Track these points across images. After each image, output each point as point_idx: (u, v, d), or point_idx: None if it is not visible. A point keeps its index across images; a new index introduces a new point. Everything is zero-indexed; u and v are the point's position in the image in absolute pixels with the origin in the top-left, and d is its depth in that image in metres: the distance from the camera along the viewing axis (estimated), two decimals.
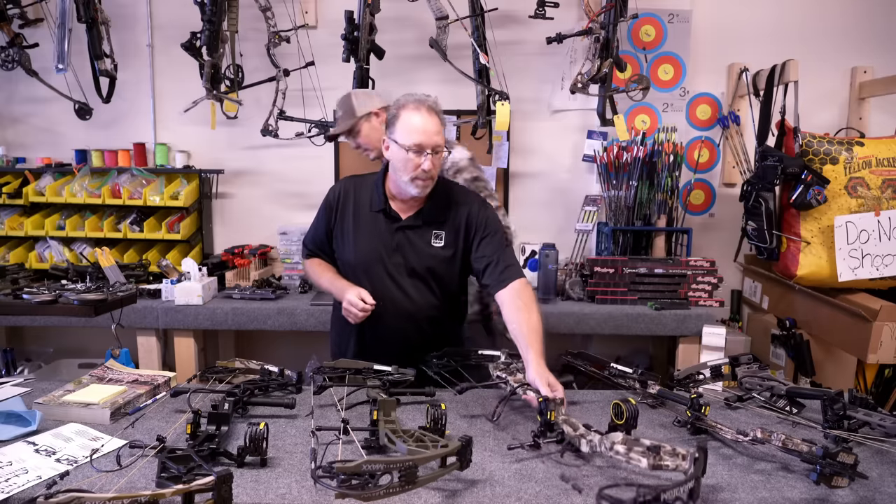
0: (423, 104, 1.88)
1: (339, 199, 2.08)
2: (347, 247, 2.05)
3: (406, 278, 2.00)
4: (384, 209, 2.00)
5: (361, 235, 2.03)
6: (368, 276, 2.00)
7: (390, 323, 2.00)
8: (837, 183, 2.74)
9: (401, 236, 1.99)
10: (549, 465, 1.39)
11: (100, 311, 2.24)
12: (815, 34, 3.40)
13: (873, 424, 1.53)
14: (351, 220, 2.05)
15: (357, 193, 2.06)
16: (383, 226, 2.00)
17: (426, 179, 1.90)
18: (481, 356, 1.90)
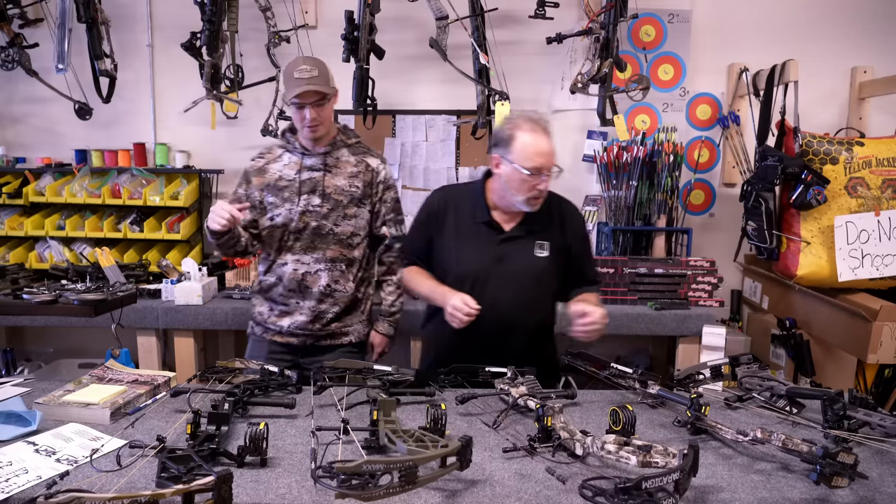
0: (539, 125, 1.93)
1: (438, 211, 2.12)
2: (451, 258, 2.07)
3: (509, 289, 2.01)
4: (487, 221, 2.04)
5: (465, 247, 2.05)
6: (472, 287, 1.99)
7: (492, 331, 1.98)
8: (837, 183, 2.74)
9: (504, 247, 2.03)
10: (548, 466, 1.39)
11: (100, 311, 2.24)
12: (815, 34, 3.40)
13: (873, 424, 1.53)
14: (453, 233, 2.08)
15: (457, 204, 2.11)
16: (486, 237, 2.03)
17: (539, 198, 1.97)
18: (489, 373, 1.88)
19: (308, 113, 2.13)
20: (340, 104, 3.35)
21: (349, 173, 2.26)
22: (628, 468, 1.32)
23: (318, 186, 2.22)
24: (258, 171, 2.27)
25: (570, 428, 1.44)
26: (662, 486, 1.15)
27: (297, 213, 2.21)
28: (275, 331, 2.30)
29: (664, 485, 1.16)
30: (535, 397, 1.63)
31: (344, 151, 2.29)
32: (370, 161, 2.31)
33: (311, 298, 2.25)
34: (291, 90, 2.10)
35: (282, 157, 2.28)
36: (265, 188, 2.25)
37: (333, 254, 2.24)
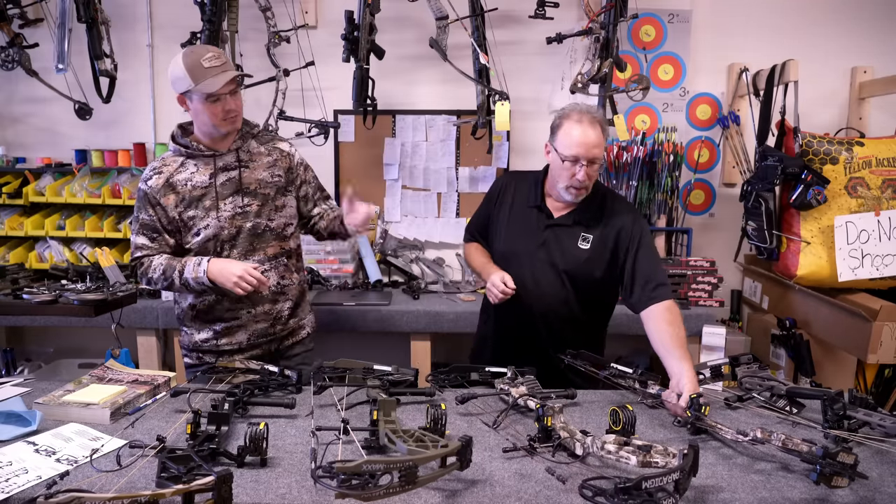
0: (586, 116, 1.96)
1: (500, 190, 2.22)
2: (499, 235, 2.17)
3: (547, 274, 2.07)
4: (539, 205, 2.11)
5: (513, 226, 2.14)
6: (512, 266, 2.08)
7: (525, 314, 2.07)
8: (837, 183, 2.74)
9: (550, 233, 2.08)
10: (548, 466, 1.39)
11: (100, 311, 2.24)
12: (815, 34, 3.40)
13: (873, 424, 1.53)
14: (507, 212, 2.17)
15: (517, 187, 2.19)
16: (535, 221, 2.11)
17: (580, 188, 2.00)
18: (489, 373, 1.89)
19: (228, 104, 1.96)
20: (341, 104, 3.39)
21: (266, 163, 2.12)
22: (628, 468, 1.32)
23: (238, 185, 2.06)
24: (164, 188, 2.02)
25: (570, 428, 1.44)
26: (662, 486, 1.15)
27: (226, 218, 2.04)
28: (231, 351, 2.13)
29: (664, 485, 1.16)
30: (535, 397, 1.64)
31: (252, 143, 2.13)
32: (282, 146, 2.19)
33: (263, 302, 2.12)
34: (209, 81, 1.90)
35: (184, 165, 2.06)
36: (179, 204, 2.03)
37: (274, 250, 2.12)
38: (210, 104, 1.95)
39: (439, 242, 3.63)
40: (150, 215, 2.05)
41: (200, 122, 2.03)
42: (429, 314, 3.00)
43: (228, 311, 2.11)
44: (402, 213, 3.62)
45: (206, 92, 1.92)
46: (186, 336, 2.18)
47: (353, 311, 3.00)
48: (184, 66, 1.92)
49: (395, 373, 1.81)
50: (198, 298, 2.10)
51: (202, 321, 2.13)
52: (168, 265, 2.02)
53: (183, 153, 2.07)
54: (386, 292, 3.28)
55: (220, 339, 2.13)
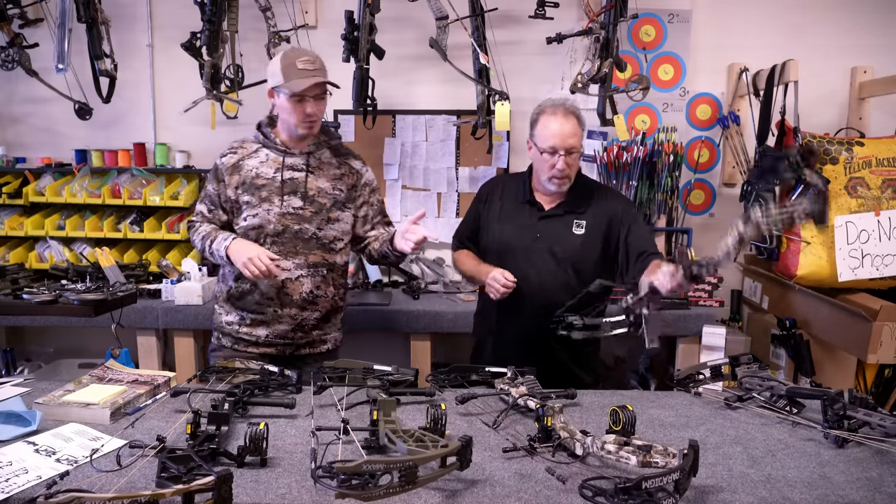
0: (559, 108, 2.10)
1: (487, 194, 2.30)
2: (493, 233, 2.23)
3: (546, 263, 2.12)
4: (529, 200, 2.19)
5: (506, 223, 2.21)
6: (510, 260, 2.14)
7: (527, 307, 2.10)
8: (837, 183, 2.74)
9: (543, 224, 2.16)
10: (548, 466, 1.39)
11: (100, 311, 2.24)
12: (815, 34, 3.40)
13: (873, 424, 1.53)
14: (498, 211, 2.24)
15: (505, 187, 2.28)
16: (528, 215, 2.19)
17: (561, 178, 2.09)
18: (489, 373, 1.89)
19: (309, 107, 2.04)
20: (340, 104, 3.39)
21: (332, 175, 2.17)
22: (628, 468, 1.32)
23: (300, 188, 2.12)
24: (232, 167, 2.13)
25: (570, 428, 1.44)
26: (662, 486, 1.15)
27: (276, 214, 2.10)
28: (249, 341, 2.17)
29: (664, 485, 1.16)
30: (535, 397, 1.64)
31: (326, 152, 2.19)
32: (353, 163, 2.24)
33: (291, 306, 2.14)
34: (296, 81, 2.00)
35: (258, 152, 2.15)
36: (240, 186, 2.12)
37: (316, 259, 2.14)
38: (293, 103, 2.04)
39: (439, 242, 3.63)
40: (214, 188, 2.17)
41: (283, 119, 2.13)
42: (429, 314, 3.00)
43: (257, 304, 2.16)
44: (402, 213, 3.62)
45: (292, 91, 2.01)
46: (216, 315, 2.26)
47: (353, 311, 3.00)
48: (280, 63, 2.03)
49: (395, 373, 1.81)
50: (235, 283, 2.17)
51: (234, 305, 2.20)
52: (208, 233, 2.14)
53: (261, 141, 2.18)
54: (386, 292, 3.28)
55: (242, 328, 2.19)
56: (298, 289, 2.13)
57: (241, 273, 2.06)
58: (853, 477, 1.37)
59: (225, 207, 2.17)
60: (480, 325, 2.37)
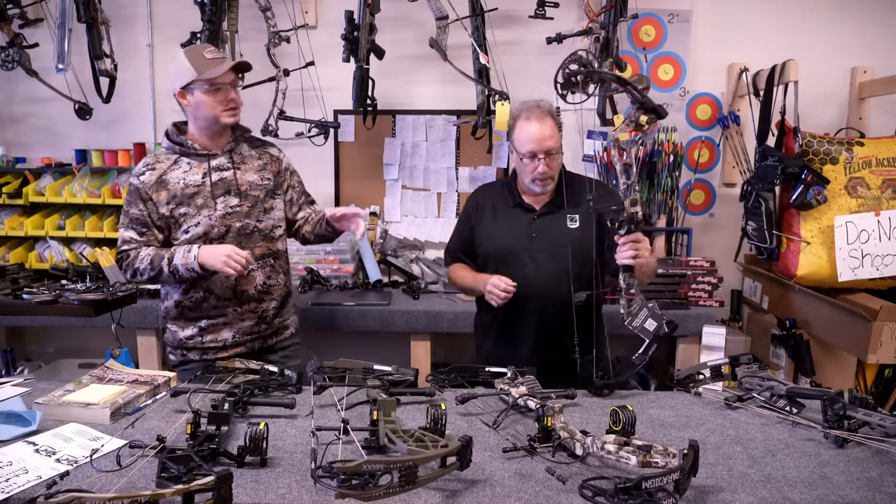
0: (534, 111, 2.11)
1: (477, 202, 2.32)
2: (489, 240, 2.25)
3: (546, 260, 2.13)
4: (520, 203, 2.21)
5: (501, 228, 2.23)
6: (510, 263, 2.15)
7: (531, 308, 2.11)
8: (837, 183, 2.74)
9: (539, 223, 2.18)
10: (548, 466, 1.39)
11: (100, 311, 2.24)
12: (815, 34, 3.40)
13: (873, 424, 1.53)
14: (490, 218, 2.26)
15: (491, 196, 2.30)
16: (521, 217, 2.21)
17: (545, 179, 2.13)
18: (489, 373, 1.90)
19: (230, 93, 2.04)
20: (341, 104, 3.39)
21: (257, 167, 2.19)
22: (628, 468, 1.32)
23: (232, 186, 2.12)
24: (156, 184, 2.08)
25: (570, 428, 1.44)
26: (662, 486, 1.15)
27: (217, 217, 2.09)
28: (216, 348, 2.17)
29: (664, 485, 1.16)
30: (535, 397, 1.64)
31: (244, 146, 2.20)
32: (271, 151, 2.27)
33: (249, 301, 2.16)
34: (210, 71, 1.99)
35: (178, 163, 2.11)
36: (171, 201, 2.07)
37: (261, 251, 2.17)
38: (212, 94, 2.02)
39: (439, 242, 3.63)
40: (140, 210, 2.09)
41: (201, 116, 2.07)
42: (429, 314, 3.00)
43: (215, 308, 2.14)
44: (402, 213, 3.62)
45: (209, 78, 2.00)
46: (171, 333, 2.22)
47: (353, 311, 3.00)
48: (187, 59, 2.02)
49: (395, 373, 1.81)
50: (185, 295, 2.14)
51: (187, 318, 2.17)
52: (156, 255, 2.05)
53: (177, 151, 2.13)
54: (386, 292, 3.28)
55: (206, 336, 2.17)
56: (252, 282, 2.16)
57: (190, 284, 2.10)
58: (853, 477, 1.37)
59: (159, 225, 2.10)
60: (483, 331, 2.35)
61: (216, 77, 2.01)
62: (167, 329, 2.23)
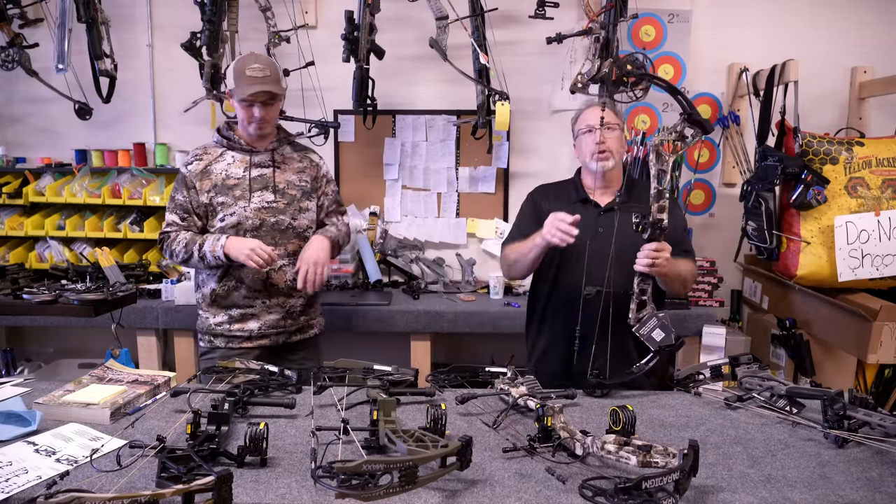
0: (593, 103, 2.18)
1: (541, 198, 2.28)
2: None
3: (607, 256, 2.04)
4: (584, 198, 2.19)
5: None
6: (577, 257, 2.09)
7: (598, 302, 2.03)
8: (837, 183, 2.74)
9: (604, 219, 2.14)
10: (548, 466, 1.39)
11: (100, 311, 2.24)
12: (815, 34, 3.40)
13: (873, 424, 1.53)
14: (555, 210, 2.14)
15: (555, 193, 2.28)
16: (587, 213, 2.14)
17: (603, 153, 2.11)
18: (489, 373, 1.90)
19: (257, 111, 2.14)
20: (341, 104, 3.40)
21: (296, 168, 2.29)
22: (628, 468, 1.32)
23: (270, 182, 2.22)
24: (201, 173, 2.20)
25: (570, 428, 1.44)
26: (662, 486, 1.15)
27: (252, 210, 2.18)
28: (242, 337, 2.24)
29: (664, 485, 1.16)
30: (535, 397, 1.64)
31: (287, 148, 2.31)
32: (312, 157, 2.36)
33: (278, 295, 2.24)
34: (243, 88, 2.10)
35: (223, 156, 2.24)
36: (212, 189, 2.19)
37: (294, 247, 2.25)
38: (244, 108, 2.15)
39: (439, 242, 3.63)
40: (184, 196, 2.21)
41: (239, 120, 2.22)
42: (429, 314, 3.00)
43: (245, 299, 2.22)
44: (402, 213, 3.62)
45: (239, 96, 2.12)
46: (202, 320, 2.30)
47: (353, 311, 3.00)
48: (233, 69, 2.14)
49: (395, 373, 1.81)
50: (219, 283, 2.22)
51: (219, 306, 2.25)
52: (191, 239, 2.16)
53: (224, 144, 2.25)
54: (386, 292, 3.28)
55: (234, 325, 2.24)
56: (283, 277, 2.23)
57: (224, 273, 2.20)
58: (853, 477, 1.37)
59: (199, 213, 2.21)
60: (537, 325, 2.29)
61: (242, 96, 2.11)
62: (199, 316, 2.32)
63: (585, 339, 1.99)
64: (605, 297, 2.03)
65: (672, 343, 1.83)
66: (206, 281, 2.26)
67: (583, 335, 2.00)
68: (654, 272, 1.88)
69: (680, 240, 2.12)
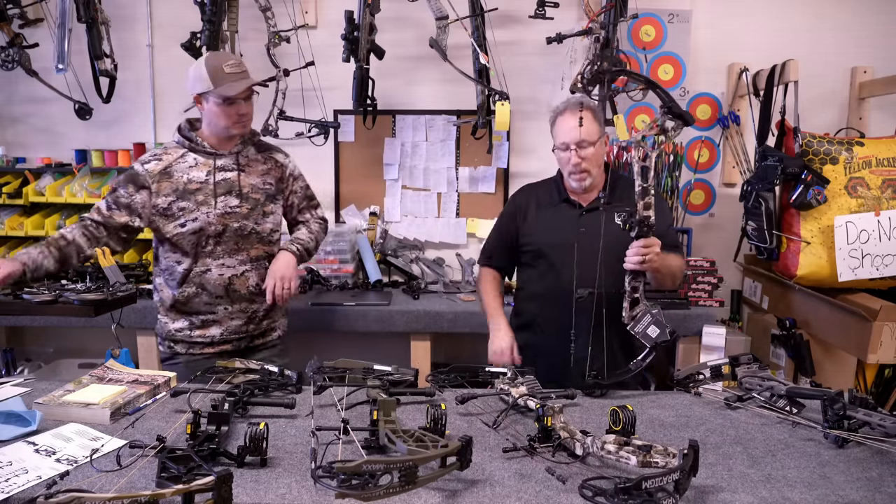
0: (573, 106, 2.09)
1: (522, 201, 2.28)
2: (537, 234, 2.21)
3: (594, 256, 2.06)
4: (566, 199, 2.19)
5: (546, 223, 2.21)
6: (559, 258, 2.12)
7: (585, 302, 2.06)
8: (837, 183, 2.74)
9: (586, 218, 2.15)
10: (548, 466, 1.39)
11: (100, 311, 2.24)
12: (815, 34, 3.40)
13: (873, 424, 1.53)
14: (535, 214, 2.23)
15: (537, 194, 2.27)
16: (568, 214, 2.18)
17: (580, 173, 2.10)
18: (489, 373, 1.90)
19: (242, 108, 2.10)
20: (341, 104, 3.40)
21: (261, 171, 2.24)
22: (628, 468, 1.32)
23: (234, 187, 2.16)
24: (160, 174, 2.12)
25: (570, 428, 1.44)
26: (662, 486, 1.15)
27: (216, 215, 2.13)
28: (203, 343, 2.21)
29: (664, 485, 1.16)
30: (535, 397, 1.64)
31: (251, 150, 2.25)
32: (277, 157, 2.31)
33: (241, 301, 2.21)
34: (229, 86, 2.04)
35: (184, 157, 2.15)
36: (172, 193, 2.12)
37: (257, 252, 2.22)
38: (225, 107, 2.08)
39: (439, 242, 3.63)
40: (128, 193, 2.12)
41: (212, 123, 2.14)
42: (429, 314, 3.00)
43: (206, 305, 2.19)
44: (402, 213, 3.62)
45: (225, 95, 2.05)
46: (161, 324, 2.26)
47: (353, 311, 3.00)
48: (206, 69, 2.06)
49: (395, 373, 1.81)
50: (178, 289, 2.18)
51: (179, 311, 2.21)
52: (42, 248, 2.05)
53: (186, 146, 2.17)
54: (386, 292, 3.28)
55: (194, 331, 2.21)
56: (245, 283, 2.21)
57: (183, 279, 2.16)
58: (853, 477, 1.37)
59: (141, 214, 2.13)
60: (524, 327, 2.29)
61: (231, 94, 2.05)
62: (158, 320, 2.27)
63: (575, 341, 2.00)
64: (595, 298, 2.04)
65: (668, 339, 1.82)
66: (166, 285, 2.21)
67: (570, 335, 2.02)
68: (645, 268, 1.88)
69: (665, 234, 2.10)
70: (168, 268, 2.21)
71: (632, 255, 1.87)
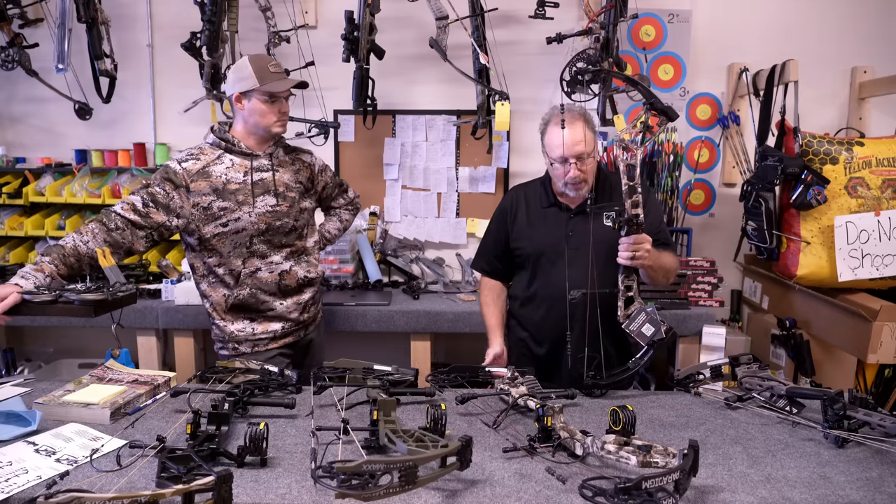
0: (561, 118, 2.03)
1: (512, 204, 2.28)
2: (526, 239, 2.21)
3: (584, 260, 2.06)
4: (554, 203, 2.18)
5: (538, 227, 2.20)
6: (549, 263, 2.14)
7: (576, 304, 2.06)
8: (837, 183, 2.73)
9: (575, 222, 2.15)
10: (548, 466, 1.39)
11: (100, 311, 2.23)
12: (815, 34, 3.40)
13: (873, 424, 1.53)
14: (525, 218, 2.23)
15: (527, 196, 2.26)
16: (557, 217, 2.17)
17: (577, 183, 2.06)
18: (489, 373, 1.90)
19: (284, 106, 2.17)
20: (341, 104, 3.40)
21: (292, 170, 2.30)
22: (628, 468, 1.32)
23: (270, 186, 2.20)
24: (197, 173, 2.11)
25: (570, 428, 1.44)
26: (662, 486, 1.15)
27: (258, 214, 2.16)
28: (268, 339, 2.25)
29: (664, 485, 1.16)
30: (535, 397, 1.64)
31: (280, 151, 2.30)
32: (304, 157, 2.37)
33: (292, 294, 2.28)
34: (275, 84, 2.11)
35: (221, 158, 2.16)
36: (211, 193, 2.12)
37: (297, 248, 2.29)
38: (269, 104, 2.13)
39: (439, 242, 3.63)
40: (165, 191, 2.09)
41: (252, 122, 2.17)
42: (429, 314, 3.00)
43: (263, 304, 2.24)
44: (402, 213, 3.62)
45: (271, 91, 2.11)
46: (219, 329, 2.26)
47: (353, 311, 3.00)
48: (251, 68, 2.10)
49: (395, 373, 1.81)
50: (231, 290, 2.21)
51: (237, 311, 2.23)
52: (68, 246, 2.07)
53: (222, 147, 2.19)
54: (386, 292, 3.28)
55: (257, 329, 2.25)
56: (294, 276, 2.27)
57: (235, 280, 2.19)
58: (853, 477, 1.37)
59: (179, 212, 2.10)
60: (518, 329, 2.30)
61: (277, 91, 2.11)
62: (214, 325, 2.26)
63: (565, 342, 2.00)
64: (588, 298, 2.04)
65: (663, 337, 1.82)
66: (217, 287, 2.22)
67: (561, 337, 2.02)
68: (637, 265, 1.89)
69: (657, 230, 2.11)
70: (213, 272, 2.21)
71: (622, 250, 1.88)
